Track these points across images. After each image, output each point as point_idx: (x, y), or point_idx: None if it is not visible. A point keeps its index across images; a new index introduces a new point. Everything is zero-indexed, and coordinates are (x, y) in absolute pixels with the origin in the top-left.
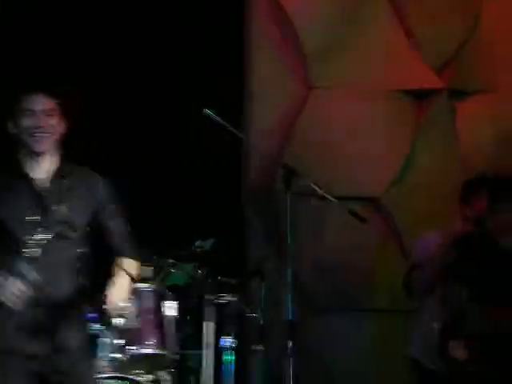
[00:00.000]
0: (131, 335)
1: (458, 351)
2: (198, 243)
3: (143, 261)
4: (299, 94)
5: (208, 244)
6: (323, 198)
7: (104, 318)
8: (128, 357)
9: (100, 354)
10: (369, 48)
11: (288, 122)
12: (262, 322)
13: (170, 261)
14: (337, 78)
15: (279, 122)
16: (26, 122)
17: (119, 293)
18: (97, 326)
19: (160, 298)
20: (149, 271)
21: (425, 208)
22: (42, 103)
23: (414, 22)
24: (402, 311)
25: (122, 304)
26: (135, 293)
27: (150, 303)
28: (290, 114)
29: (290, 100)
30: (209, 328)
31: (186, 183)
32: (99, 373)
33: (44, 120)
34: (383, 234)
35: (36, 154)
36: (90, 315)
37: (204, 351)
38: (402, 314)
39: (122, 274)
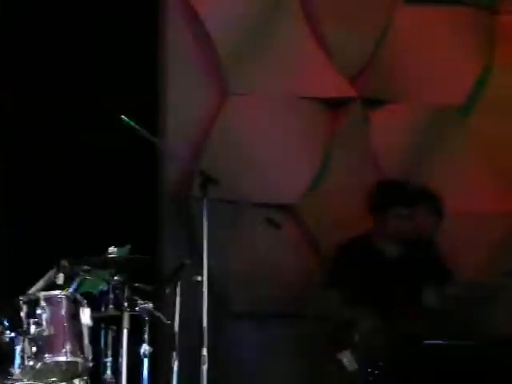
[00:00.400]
0: (45, 343)
1: (347, 361)
2: (111, 249)
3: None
4: (214, 101)
5: (124, 251)
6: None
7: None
8: (41, 365)
9: (14, 362)
10: (282, 55)
11: (204, 129)
12: (176, 330)
13: (85, 267)
14: (251, 84)
15: (195, 128)
16: None
17: None
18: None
19: (74, 305)
20: (62, 278)
21: (340, 214)
22: None
23: (327, 30)
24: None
25: None
26: (49, 300)
27: (63, 310)
28: (205, 121)
29: (205, 106)
30: (123, 335)
31: (101, 189)
32: (13, 381)
33: None
34: (298, 240)
35: None
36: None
37: (118, 359)
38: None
39: None
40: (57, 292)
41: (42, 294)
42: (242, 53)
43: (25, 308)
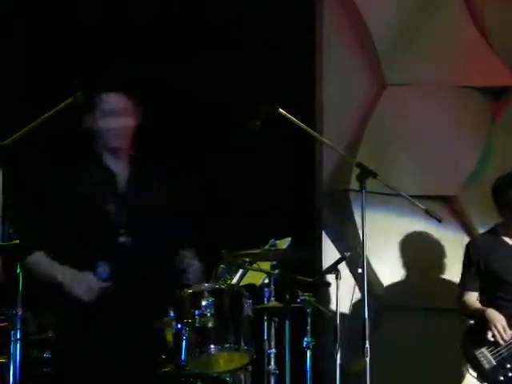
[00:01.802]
0: (209, 334)
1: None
2: (272, 242)
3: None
4: (372, 92)
5: (284, 243)
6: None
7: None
8: (207, 356)
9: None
10: (440, 43)
11: (361, 120)
12: (338, 322)
13: (246, 260)
14: (408, 74)
15: (352, 120)
16: (104, 122)
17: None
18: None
19: (237, 296)
20: (225, 270)
21: None
22: (120, 102)
23: (487, 15)
24: None
25: None
26: (212, 292)
27: (226, 302)
28: (363, 112)
29: (362, 98)
30: (286, 327)
31: (261, 182)
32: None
33: (122, 121)
34: (458, 232)
35: (113, 150)
36: None
37: (281, 351)
38: None
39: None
40: (220, 284)
41: (206, 286)
42: (398, 42)
43: (190, 300)
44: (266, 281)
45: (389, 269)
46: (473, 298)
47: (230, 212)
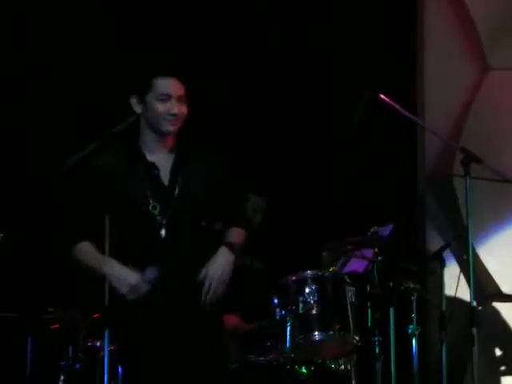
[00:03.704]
0: (313, 321)
1: None
2: (374, 229)
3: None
4: (474, 77)
5: (386, 230)
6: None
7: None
8: (311, 342)
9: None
10: None
11: (464, 105)
12: (443, 309)
13: (349, 247)
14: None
15: (455, 105)
16: (161, 106)
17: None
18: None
19: (340, 284)
20: (328, 257)
21: None
22: (177, 88)
23: None
24: None
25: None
26: (315, 279)
27: (329, 289)
28: (466, 97)
29: (464, 83)
30: (391, 315)
31: (361, 170)
32: (285, 358)
33: (178, 107)
34: None
35: (162, 135)
36: None
37: (386, 338)
38: None
39: (222, 250)
40: (323, 271)
41: (309, 273)
42: (501, 26)
43: (293, 287)
44: (370, 268)
45: (494, 256)
46: None
47: (332, 199)
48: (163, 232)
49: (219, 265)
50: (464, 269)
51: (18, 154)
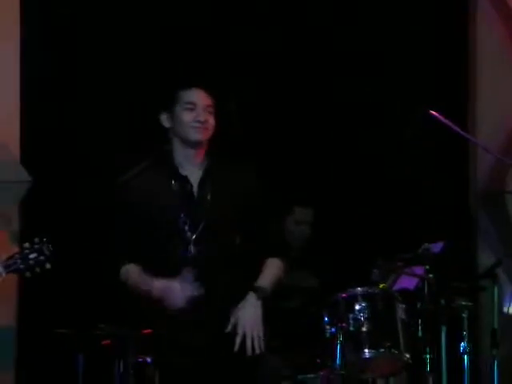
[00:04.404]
0: (364, 338)
1: None
2: (425, 246)
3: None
4: None
5: (437, 247)
6: None
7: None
8: (361, 360)
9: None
10: None
11: None
12: (495, 326)
13: (399, 264)
14: None
15: (506, 121)
16: (187, 115)
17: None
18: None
19: (390, 300)
20: (377, 274)
21: None
22: (203, 98)
23: None
24: None
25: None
26: (366, 296)
27: (380, 306)
28: None
29: None
30: (442, 332)
31: (412, 186)
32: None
33: (205, 115)
34: None
35: (192, 145)
36: None
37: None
38: None
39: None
40: (373, 288)
41: (359, 290)
42: None
43: (343, 304)
44: (420, 285)
45: None
46: None
47: (384, 216)
48: (191, 248)
49: (249, 318)
50: None
51: (73, 170)
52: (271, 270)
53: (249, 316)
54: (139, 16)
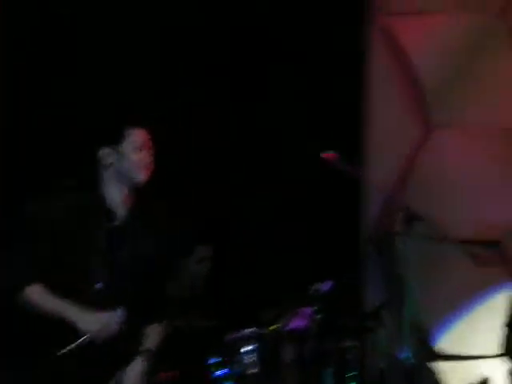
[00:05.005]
0: (255, 380)
1: None
2: (315, 287)
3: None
4: (419, 135)
5: (326, 286)
6: (445, 241)
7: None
8: None
9: None
10: (488, 86)
11: (408, 163)
12: (381, 367)
13: (289, 304)
14: (456, 117)
15: (398, 163)
16: (136, 155)
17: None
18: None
19: (279, 341)
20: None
21: None
22: (148, 139)
23: None
24: None
25: None
26: (255, 337)
27: (268, 347)
28: (409, 155)
29: (408, 140)
30: (328, 373)
31: (302, 226)
32: None
33: (150, 157)
34: (504, 277)
35: (130, 185)
36: None
37: None
38: None
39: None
40: (262, 329)
41: (248, 331)
42: (446, 85)
43: (232, 345)
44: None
45: (434, 315)
46: None
47: (272, 258)
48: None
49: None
50: (402, 327)
51: None
52: (154, 335)
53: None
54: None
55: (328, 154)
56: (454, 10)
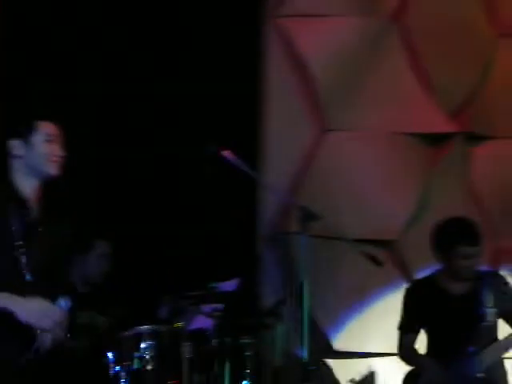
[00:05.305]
0: (148, 377)
1: None
2: (212, 285)
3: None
4: (314, 137)
5: (231, 285)
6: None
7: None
8: None
9: None
10: (383, 91)
11: (304, 164)
12: (277, 364)
13: (188, 302)
14: (351, 120)
15: (295, 164)
16: (47, 147)
17: None
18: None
19: (177, 338)
20: (165, 312)
21: None
22: (57, 130)
23: (428, 66)
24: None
25: None
26: (151, 334)
27: (166, 344)
28: (305, 157)
29: (305, 142)
30: (226, 370)
31: (200, 224)
32: None
33: (62, 150)
34: (396, 276)
35: (42, 178)
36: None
37: None
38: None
39: None
40: (160, 326)
41: (145, 328)
42: (341, 89)
43: (129, 342)
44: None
45: (327, 312)
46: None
47: (170, 256)
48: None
49: None
50: (298, 325)
51: None
52: None
53: None
54: None
55: (224, 152)
56: (348, 12)
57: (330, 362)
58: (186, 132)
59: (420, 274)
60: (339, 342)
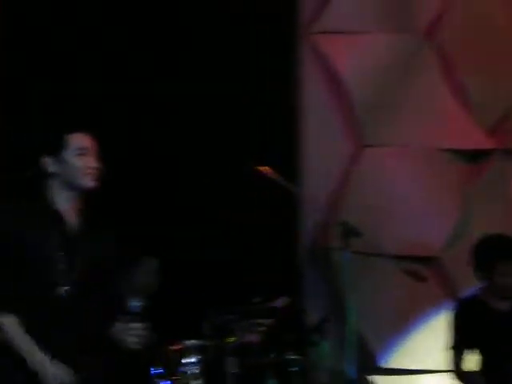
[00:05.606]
0: None
1: None
2: (255, 300)
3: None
4: (352, 152)
5: (278, 302)
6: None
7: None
8: None
9: None
10: (420, 106)
11: (341, 180)
12: (323, 381)
13: (231, 317)
14: (388, 136)
15: (333, 180)
16: (80, 161)
17: None
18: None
19: (222, 354)
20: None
21: None
22: (93, 143)
23: (466, 81)
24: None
25: None
26: (197, 349)
27: (211, 359)
28: (343, 172)
29: (342, 158)
30: None
31: (240, 240)
32: None
33: (96, 161)
34: (439, 293)
35: (79, 192)
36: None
37: None
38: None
39: None
40: (205, 341)
41: (191, 342)
42: (378, 105)
43: (175, 357)
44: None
45: (372, 329)
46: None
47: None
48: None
49: None
50: (345, 341)
51: None
52: None
53: None
54: None
55: (263, 168)
56: (382, 29)
57: (376, 378)
58: (225, 147)
59: (464, 292)
60: (384, 359)
